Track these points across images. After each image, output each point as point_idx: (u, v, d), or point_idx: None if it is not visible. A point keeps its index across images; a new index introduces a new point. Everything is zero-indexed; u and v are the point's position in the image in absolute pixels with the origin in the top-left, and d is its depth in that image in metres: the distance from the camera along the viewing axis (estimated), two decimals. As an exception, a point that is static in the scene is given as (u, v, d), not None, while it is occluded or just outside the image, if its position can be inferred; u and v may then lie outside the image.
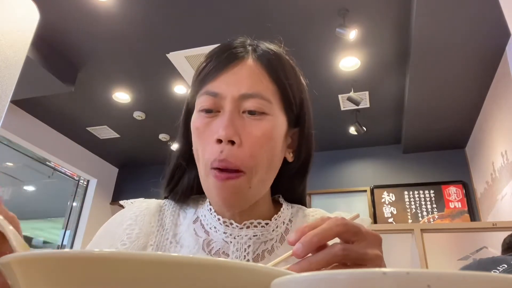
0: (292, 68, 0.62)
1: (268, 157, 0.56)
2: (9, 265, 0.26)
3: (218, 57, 0.59)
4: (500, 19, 2.11)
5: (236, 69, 0.57)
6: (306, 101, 0.64)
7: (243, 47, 0.60)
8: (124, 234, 0.60)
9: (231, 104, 0.55)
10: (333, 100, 3.83)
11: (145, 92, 3.85)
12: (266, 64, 0.59)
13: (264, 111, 0.56)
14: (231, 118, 0.54)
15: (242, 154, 0.53)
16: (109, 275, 0.23)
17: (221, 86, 0.56)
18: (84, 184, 5.21)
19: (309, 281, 0.19)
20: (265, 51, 0.60)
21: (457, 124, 3.90)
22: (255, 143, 0.54)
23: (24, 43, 1.28)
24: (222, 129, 0.53)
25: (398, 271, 0.16)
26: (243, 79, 0.56)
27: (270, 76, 0.58)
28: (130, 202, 0.68)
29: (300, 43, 3.06)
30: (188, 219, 0.64)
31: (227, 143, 0.53)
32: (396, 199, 4.41)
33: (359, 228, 0.39)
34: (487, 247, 2.59)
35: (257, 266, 0.25)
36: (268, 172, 0.57)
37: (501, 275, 0.16)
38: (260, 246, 0.59)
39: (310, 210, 0.68)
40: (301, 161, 0.64)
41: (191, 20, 2.91)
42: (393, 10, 2.75)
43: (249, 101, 0.55)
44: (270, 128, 0.56)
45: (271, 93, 0.57)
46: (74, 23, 3.01)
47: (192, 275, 0.23)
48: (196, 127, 0.57)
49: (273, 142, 0.56)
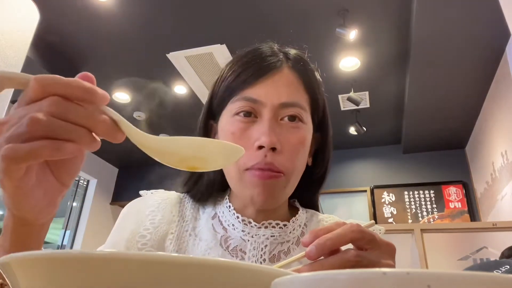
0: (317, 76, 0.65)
1: (301, 162, 0.60)
2: (9, 265, 0.26)
3: (255, 64, 0.60)
4: (500, 19, 2.11)
5: (276, 77, 0.59)
6: (326, 107, 0.67)
7: (275, 54, 0.62)
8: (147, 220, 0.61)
9: (271, 112, 0.57)
10: (333, 100, 3.83)
11: (145, 92, 3.85)
12: (301, 73, 0.61)
13: (301, 119, 0.59)
14: (271, 125, 0.56)
15: (283, 159, 0.56)
16: (109, 275, 0.23)
17: (261, 94, 0.58)
18: (84, 184, 5.21)
19: (310, 281, 0.19)
20: (297, 60, 0.63)
21: (457, 124, 3.90)
22: (293, 150, 0.57)
23: (24, 43, 1.28)
24: (265, 137, 0.54)
25: (398, 271, 0.16)
26: (283, 88, 0.58)
27: (304, 85, 0.61)
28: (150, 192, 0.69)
29: (300, 43, 3.05)
30: (206, 214, 0.65)
31: (269, 150, 0.55)
32: (396, 199, 4.41)
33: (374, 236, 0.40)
34: (487, 247, 2.59)
35: (258, 266, 0.25)
36: (299, 176, 0.60)
37: (501, 275, 0.16)
38: (276, 247, 0.60)
39: (324, 216, 0.70)
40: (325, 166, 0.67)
41: (191, 20, 2.91)
42: (393, 10, 2.75)
43: (288, 110, 0.58)
44: (305, 135, 0.59)
45: (305, 102, 0.60)
46: (74, 23, 3.01)
47: (192, 275, 0.23)
48: (232, 132, 0.58)
49: (305, 148, 0.60)
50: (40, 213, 0.36)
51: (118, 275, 0.23)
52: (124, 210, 0.66)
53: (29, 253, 0.24)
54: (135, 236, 0.59)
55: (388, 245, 0.41)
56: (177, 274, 0.23)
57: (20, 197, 0.33)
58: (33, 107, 0.31)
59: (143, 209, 0.63)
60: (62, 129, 0.31)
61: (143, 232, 0.59)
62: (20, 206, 0.34)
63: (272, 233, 0.60)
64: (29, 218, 0.35)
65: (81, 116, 0.32)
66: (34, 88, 0.31)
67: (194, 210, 0.66)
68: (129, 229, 0.60)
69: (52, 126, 0.30)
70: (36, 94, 0.31)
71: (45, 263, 0.24)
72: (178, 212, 0.65)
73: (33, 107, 0.31)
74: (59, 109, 0.31)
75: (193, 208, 0.66)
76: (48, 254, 0.24)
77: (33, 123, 0.30)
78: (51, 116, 0.30)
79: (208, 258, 0.24)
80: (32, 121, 0.30)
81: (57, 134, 0.30)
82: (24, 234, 0.37)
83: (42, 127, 0.30)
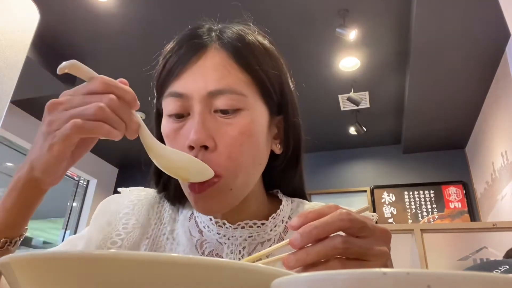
0: (265, 51, 0.55)
1: (252, 154, 0.51)
2: (9, 265, 0.26)
3: (178, 50, 0.53)
4: (500, 19, 2.11)
5: (201, 62, 0.51)
6: (287, 85, 0.58)
7: (208, 34, 0.54)
8: (120, 224, 0.58)
9: (199, 104, 0.49)
10: (333, 100, 3.83)
11: (145, 92, 3.84)
12: (232, 52, 0.52)
13: (237, 107, 0.50)
14: (201, 120, 0.49)
15: (219, 158, 0.49)
16: (108, 275, 0.23)
17: (186, 85, 0.50)
18: (84, 184, 5.21)
19: (309, 281, 0.19)
20: (230, 37, 0.53)
21: (457, 124, 3.90)
22: (233, 143, 0.49)
23: (24, 43, 1.28)
24: (192, 134, 0.48)
25: (398, 271, 0.16)
26: (209, 73, 0.50)
27: (238, 64, 0.51)
28: (128, 190, 0.65)
29: (300, 43, 3.06)
30: (183, 215, 0.61)
31: (200, 148, 0.49)
32: (396, 199, 4.41)
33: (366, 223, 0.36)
34: (487, 247, 2.59)
35: (258, 267, 0.25)
36: (253, 170, 0.53)
37: (501, 275, 0.16)
38: (256, 247, 0.55)
39: (312, 204, 0.64)
40: (291, 151, 0.59)
41: (191, 20, 2.91)
42: (393, 10, 2.75)
43: (220, 98, 0.49)
44: (248, 123, 0.50)
45: (243, 84, 0.51)
46: (74, 23, 3.01)
47: (191, 275, 0.23)
48: (166, 135, 0.53)
49: (254, 137, 0.51)
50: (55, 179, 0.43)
51: (118, 275, 0.23)
52: (99, 207, 0.62)
53: (29, 253, 0.24)
54: (106, 242, 0.56)
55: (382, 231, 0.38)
56: (177, 274, 0.23)
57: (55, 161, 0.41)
58: (95, 97, 0.41)
59: (117, 210, 0.60)
60: (114, 120, 0.41)
61: (115, 238, 0.56)
62: (48, 169, 0.41)
63: (250, 233, 0.55)
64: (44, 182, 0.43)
65: (125, 114, 0.43)
66: (100, 85, 0.42)
67: (173, 211, 0.61)
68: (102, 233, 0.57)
69: (109, 116, 0.41)
70: (101, 89, 0.42)
71: (45, 263, 0.24)
72: (155, 213, 0.60)
73: (96, 98, 0.41)
74: (114, 105, 0.41)
75: (172, 209, 0.62)
76: (48, 254, 0.24)
77: (100, 110, 0.40)
78: (108, 109, 0.41)
79: (207, 258, 0.24)
80: (100, 108, 0.40)
81: (110, 121, 0.41)
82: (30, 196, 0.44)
83: (103, 114, 0.40)
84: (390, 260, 0.40)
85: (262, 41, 0.57)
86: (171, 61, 0.53)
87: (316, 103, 3.84)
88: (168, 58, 0.54)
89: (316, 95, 3.70)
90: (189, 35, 0.55)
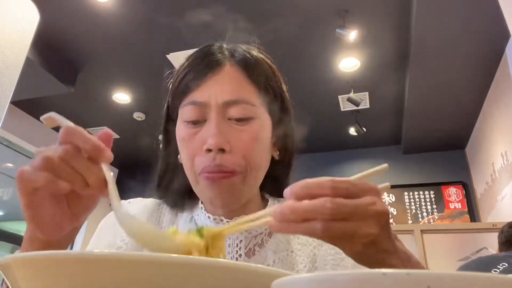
0: (270, 68, 0.64)
1: (260, 157, 0.58)
2: (9, 265, 0.26)
3: (198, 65, 0.60)
4: (499, 19, 2.11)
5: (218, 76, 0.58)
6: (286, 98, 0.66)
7: (221, 52, 0.61)
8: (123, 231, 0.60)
9: (216, 112, 0.56)
10: (333, 101, 3.83)
11: (145, 93, 3.84)
12: (245, 68, 0.60)
13: (249, 116, 0.57)
14: (218, 126, 0.55)
15: (233, 158, 0.55)
16: (109, 275, 0.23)
17: (204, 95, 0.57)
18: (84, 184, 5.20)
19: (309, 281, 0.19)
20: (242, 55, 0.61)
21: (457, 124, 3.90)
22: (246, 147, 0.56)
23: (24, 44, 1.28)
24: (211, 139, 0.54)
25: (398, 271, 0.16)
26: (226, 86, 0.57)
27: (250, 78, 0.59)
28: (128, 202, 0.69)
29: (300, 44, 3.06)
30: (183, 218, 0.65)
31: (218, 151, 0.54)
32: (396, 200, 4.41)
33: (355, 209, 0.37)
34: (487, 248, 2.59)
35: (258, 267, 0.25)
36: (260, 172, 0.59)
37: (500, 275, 0.16)
38: (251, 241, 0.60)
39: None
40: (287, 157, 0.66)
41: (191, 20, 2.91)
42: (393, 11, 2.76)
43: (234, 108, 0.56)
44: (258, 130, 0.58)
45: (253, 96, 0.59)
46: (74, 23, 3.01)
47: (191, 275, 0.23)
48: (181, 138, 0.58)
49: (262, 143, 0.58)
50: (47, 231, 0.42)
51: (118, 275, 0.23)
52: (101, 223, 0.66)
53: (29, 253, 0.24)
54: (111, 247, 0.60)
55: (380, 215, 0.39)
56: (177, 274, 0.23)
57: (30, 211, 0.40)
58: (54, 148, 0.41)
59: None
60: (62, 170, 0.40)
61: (119, 243, 0.60)
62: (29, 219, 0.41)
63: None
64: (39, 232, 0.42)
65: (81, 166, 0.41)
66: (61, 135, 0.41)
67: (172, 216, 0.66)
68: (106, 241, 0.61)
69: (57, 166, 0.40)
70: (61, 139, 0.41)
71: (45, 264, 0.24)
72: (155, 219, 0.65)
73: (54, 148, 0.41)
74: (67, 156, 0.40)
75: (171, 214, 0.66)
76: (47, 254, 0.24)
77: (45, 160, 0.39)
78: (60, 159, 0.40)
79: (207, 259, 0.24)
80: (45, 158, 0.39)
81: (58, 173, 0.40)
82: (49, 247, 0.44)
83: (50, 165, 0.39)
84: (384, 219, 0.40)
85: (265, 59, 0.65)
86: (189, 76, 0.59)
87: (316, 104, 3.84)
88: (186, 73, 0.60)
89: (316, 96, 3.70)
90: (204, 52, 0.62)
